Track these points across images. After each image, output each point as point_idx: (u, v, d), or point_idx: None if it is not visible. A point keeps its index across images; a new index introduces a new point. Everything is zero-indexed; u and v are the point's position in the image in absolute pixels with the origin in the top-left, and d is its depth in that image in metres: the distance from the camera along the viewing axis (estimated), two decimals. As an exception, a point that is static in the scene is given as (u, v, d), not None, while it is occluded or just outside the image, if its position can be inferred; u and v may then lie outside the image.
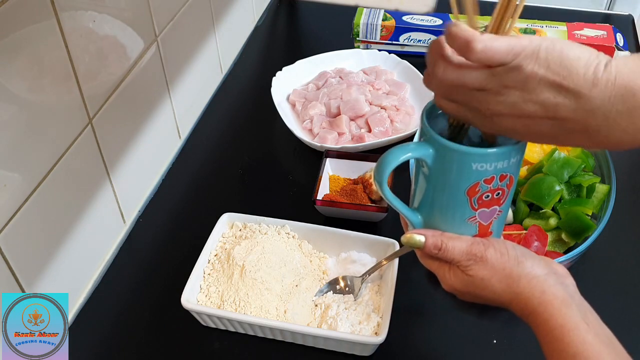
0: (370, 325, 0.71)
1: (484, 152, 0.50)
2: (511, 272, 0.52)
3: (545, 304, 0.50)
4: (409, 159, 0.52)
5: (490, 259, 0.53)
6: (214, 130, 1.08)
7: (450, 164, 0.51)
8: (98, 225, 0.81)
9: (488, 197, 0.52)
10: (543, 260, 0.54)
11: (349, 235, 0.80)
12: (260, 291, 0.73)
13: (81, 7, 0.71)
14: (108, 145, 0.80)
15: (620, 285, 0.80)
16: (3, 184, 0.61)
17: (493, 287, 0.53)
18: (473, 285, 0.54)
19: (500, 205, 0.54)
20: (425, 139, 0.52)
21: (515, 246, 0.54)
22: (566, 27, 1.18)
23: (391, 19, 1.20)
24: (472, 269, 0.53)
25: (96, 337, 0.76)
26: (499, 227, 0.56)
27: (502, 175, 0.51)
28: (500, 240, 0.54)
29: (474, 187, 0.51)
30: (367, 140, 0.98)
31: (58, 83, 0.68)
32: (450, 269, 0.55)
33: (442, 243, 0.54)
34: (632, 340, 0.50)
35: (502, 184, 0.52)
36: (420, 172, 0.55)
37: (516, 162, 0.52)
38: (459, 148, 0.50)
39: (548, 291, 0.51)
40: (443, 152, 0.51)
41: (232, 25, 1.19)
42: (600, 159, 0.88)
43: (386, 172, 0.52)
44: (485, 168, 0.50)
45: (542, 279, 0.52)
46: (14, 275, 0.65)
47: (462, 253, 0.53)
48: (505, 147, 0.50)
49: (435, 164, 0.52)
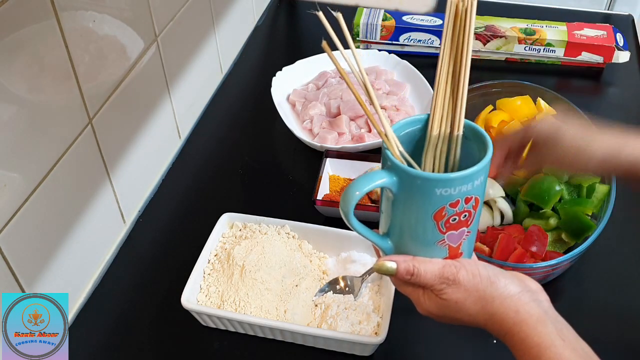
0: (370, 325, 0.71)
1: (446, 177, 0.50)
2: (484, 293, 0.52)
3: (520, 324, 0.50)
4: (374, 188, 0.52)
5: (463, 281, 0.53)
6: (214, 130, 1.08)
7: (414, 191, 0.51)
8: (98, 225, 0.81)
9: (455, 220, 0.52)
10: (516, 277, 0.54)
11: (349, 235, 0.80)
12: (260, 291, 0.73)
13: (81, 7, 0.71)
14: (108, 145, 0.80)
15: (620, 285, 0.80)
16: (3, 184, 0.61)
17: (468, 310, 0.53)
18: (448, 308, 0.54)
19: (468, 226, 0.54)
20: (387, 166, 0.52)
21: (487, 266, 0.54)
22: (566, 27, 1.18)
23: (391, 19, 1.20)
24: (445, 292, 0.53)
25: (96, 337, 0.76)
26: (469, 247, 0.56)
27: (467, 197, 0.51)
28: (471, 262, 0.55)
29: (440, 212, 0.51)
30: (367, 140, 0.98)
31: (58, 83, 0.68)
32: (424, 293, 0.55)
33: (414, 268, 0.54)
34: (633, 340, 0.50)
35: (468, 206, 0.52)
36: (386, 198, 0.55)
37: (480, 183, 0.51)
38: (421, 175, 0.50)
39: (522, 310, 0.51)
40: (406, 179, 0.51)
41: (232, 25, 1.19)
42: (600, 159, 0.88)
43: (352, 203, 0.52)
44: (449, 192, 0.50)
45: (516, 298, 0.52)
46: (14, 275, 0.65)
47: (435, 277, 0.53)
48: (467, 171, 0.50)
49: (399, 190, 0.52)
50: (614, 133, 0.64)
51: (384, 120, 0.53)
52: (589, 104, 1.07)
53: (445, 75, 0.51)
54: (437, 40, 1.19)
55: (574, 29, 1.18)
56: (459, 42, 0.50)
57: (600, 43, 1.14)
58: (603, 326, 0.74)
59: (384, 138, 0.53)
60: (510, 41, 1.17)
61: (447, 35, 0.50)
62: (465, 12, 0.49)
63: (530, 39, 1.16)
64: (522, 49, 1.17)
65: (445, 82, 0.52)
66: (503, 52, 1.18)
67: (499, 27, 1.17)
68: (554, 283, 0.78)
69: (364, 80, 0.51)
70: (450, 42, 0.50)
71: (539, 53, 1.17)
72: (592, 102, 1.14)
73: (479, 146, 0.53)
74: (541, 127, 0.66)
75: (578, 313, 0.53)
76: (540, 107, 0.97)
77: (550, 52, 1.17)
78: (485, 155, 0.51)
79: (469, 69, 0.50)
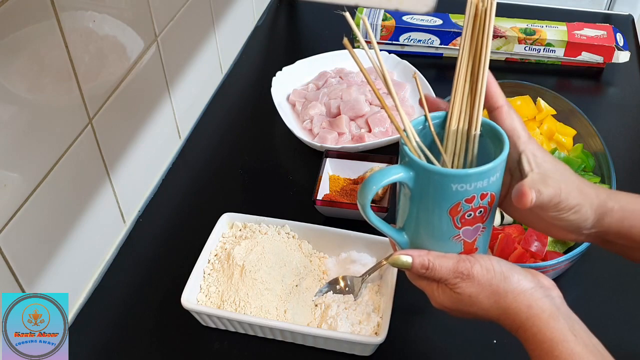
0: (370, 325, 0.71)
1: (462, 173, 0.50)
2: (498, 288, 0.53)
3: (532, 319, 0.51)
4: (390, 182, 0.53)
5: (477, 275, 0.53)
6: (214, 130, 1.08)
7: (430, 186, 0.52)
8: (98, 225, 0.81)
9: (470, 215, 0.53)
10: (529, 273, 0.55)
11: (349, 235, 0.80)
12: (260, 291, 0.73)
13: (81, 7, 0.71)
14: (108, 145, 0.80)
15: (620, 285, 0.80)
16: (3, 184, 0.61)
17: (481, 304, 0.54)
18: (461, 302, 0.54)
19: (483, 222, 0.54)
20: (405, 162, 0.53)
21: (501, 261, 0.55)
22: (566, 27, 1.18)
23: (391, 19, 1.20)
24: (459, 286, 0.54)
25: (96, 337, 0.76)
26: (484, 242, 0.57)
27: (482, 194, 0.51)
28: (486, 257, 0.55)
29: (456, 207, 0.52)
30: (367, 140, 0.98)
31: (58, 83, 0.68)
32: (438, 287, 0.56)
33: (429, 262, 0.54)
34: (633, 340, 0.50)
35: (484, 202, 0.52)
36: (403, 193, 0.55)
37: (496, 180, 0.52)
38: (438, 170, 0.51)
39: (535, 305, 0.51)
40: (423, 175, 0.51)
41: (232, 25, 1.18)
42: (600, 159, 0.88)
43: (369, 196, 0.53)
44: (465, 188, 0.50)
45: (529, 294, 0.52)
46: (14, 275, 0.65)
47: (449, 271, 0.54)
48: (483, 167, 0.50)
49: (416, 185, 0.52)
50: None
51: (403, 115, 0.53)
52: (589, 104, 1.07)
53: (464, 74, 0.52)
54: (437, 40, 1.19)
55: (574, 29, 1.18)
56: (477, 42, 0.51)
57: (600, 43, 1.14)
58: (603, 326, 0.73)
59: (402, 133, 0.53)
60: (510, 41, 1.17)
61: (466, 35, 0.51)
62: (484, 12, 0.49)
63: (530, 39, 1.16)
64: (522, 49, 1.17)
65: (464, 81, 0.52)
66: (503, 52, 1.18)
67: (499, 27, 1.17)
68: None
69: (384, 76, 0.51)
70: (470, 41, 0.51)
71: (539, 53, 1.17)
72: (592, 102, 1.14)
73: (495, 143, 0.53)
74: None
75: (578, 313, 0.53)
76: (540, 107, 0.97)
77: (550, 52, 1.17)
78: (502, 153, 0.51)
79: (488, 69, 0.51)
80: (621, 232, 0.55)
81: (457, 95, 0.53)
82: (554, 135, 0.94)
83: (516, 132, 0.53)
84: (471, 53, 0.52)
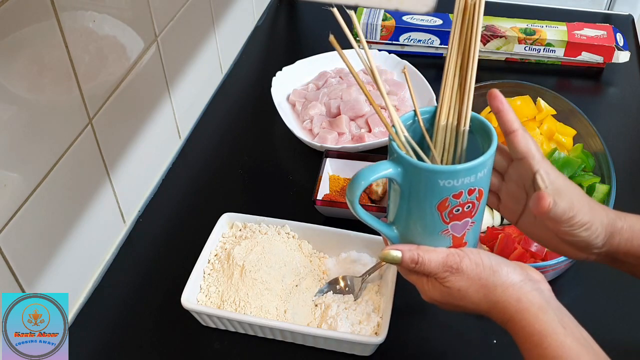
0: (370, 325, 0.71)
1: (449, 169, 0.51)
2: (487, 281, 0.53)
3: (522, 312, 0.51)
4: (378, 178, 0.53)
5: (466, 269, 0.54)
6: (214, 130, 1.08)
7: (418, 182, 0.52)
8: (98, 225, 0.81)
9: (459, 210, 0.53)
10: (519, 266, 0.55)
11: (349, 235, 0.80)
12: (260, 291, 0.73)
13: (81, 7, 0.71)
14: (108, 145, 0.80)
15: (620, 285, 0.80)
16: (3, 184, 0.61)
17: (471, 297, 0.54)
18: (451, 296, 0.55)
19: (472, 217, 0.55)
20: (393, 157, 0.53)
21: (490, 255, 0.55)
22: (566, 27, 1.18)
23: (391, 19, 1.20)
24: (449, 280, 0.54)
25: (96, 337, 0.76)
26: (474, 237, 0.57)
27: (470, 189, 0.52)
28: (475, 251, 0.55)
29: (444, 203, 0.52)
30: (367, 140, 0.98)
31: (58, 83, 0.68)
32: (428, 281, 0.56)
33: (419, 257, 0.55)
34: (632, 339, 0.50)
35: (472, 197, 0.53)
36: (392, 189, 0.56)
37: (484, 175, 0.52)
38: (425, 166, 0.51)
39: (524, 298, 0.52)
40: (410, 170, 0.52)
41: (232, 25, 1.18)
42: (600, 159, 0.88)
43: (357, 192, 0.53)
44: (452, 184, 0.51)
45: (518, 287, 0.53)
46: (14, 275, 0.65)
47: (438, 265, 0.54)
48: (470, 164, 0.50)
49: (404, 181, 0.53)
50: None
51: (392, 111, 0.53)
52: (589, 104, 1.07)
53: (453, 69, 0.53)
54: (437, 40, 1.19)
55: (574, 29, 1.18)
56: (467, 37, 0.51)
57: (600, 43, 1.14)
58: (603, 326, 0.73)
59: (390, 130, 0.53)
60: (510, 41, 1.17)
61: (455, 30, 0.51)
62: (473, 7, 0.49)
63: (530, 39, 1.16)
64: (522, 49, 1.17)
65: (453, 76, 0.53)
66: (503, 52, 1.18)
67: (499, 27, 1.17)
68: (554, 283, 0.78)
69: (373, 74, 0.51)
70: (459, 36, 0.51)
71: (539, 53, 1.17)
72: (592, 102, 1.14)
73: (484, 138, 0.54)
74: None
75: (577, 313, 0.53)
76: (540, 107, 0.97)
77: (550, 52, 1.17)
78: (489, 148, 0.51)
79: (477, 64, 0.51)
80: (630, 251, 0.56)
81: (446, 90, 0.53)
82: (554, 135, 0.94)
83: (530, 153, 0.54)
84: (460, 48, 0.52)
